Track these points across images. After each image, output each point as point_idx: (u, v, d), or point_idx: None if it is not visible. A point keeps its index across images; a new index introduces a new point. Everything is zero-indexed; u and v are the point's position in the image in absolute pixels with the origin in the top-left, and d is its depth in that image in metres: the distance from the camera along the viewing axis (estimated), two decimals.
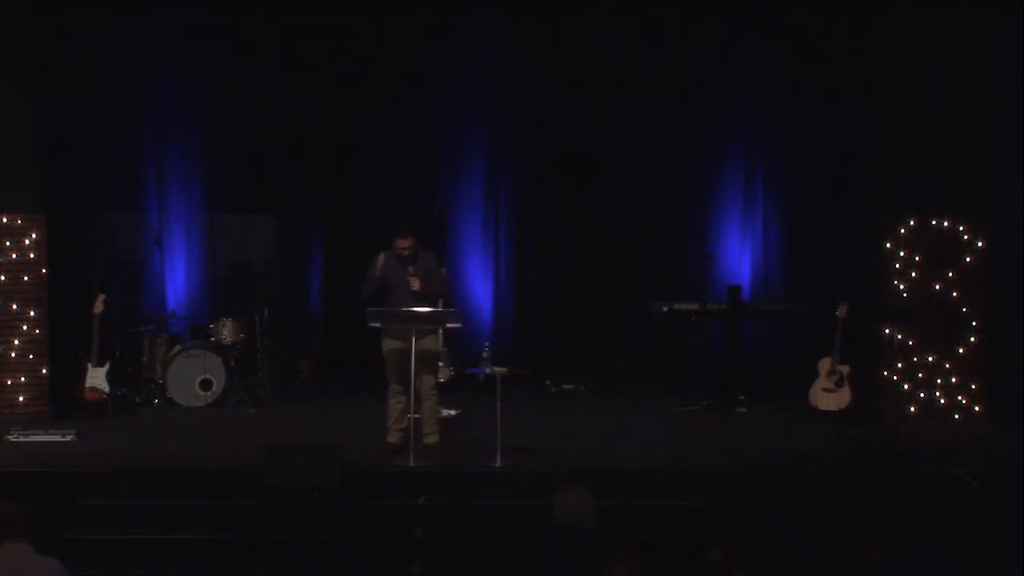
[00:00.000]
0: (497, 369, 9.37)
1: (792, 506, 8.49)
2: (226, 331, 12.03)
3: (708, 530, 8.22)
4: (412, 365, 9.21)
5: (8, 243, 11.17)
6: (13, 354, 11.18)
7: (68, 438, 10.08)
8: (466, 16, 12.90)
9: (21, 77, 11.14)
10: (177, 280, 13.00)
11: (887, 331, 11.35)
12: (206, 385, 11.79)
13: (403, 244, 9.51)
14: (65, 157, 11.89)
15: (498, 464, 9.04)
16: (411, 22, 12.75)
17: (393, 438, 9.49)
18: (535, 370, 12.00)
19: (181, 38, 12.69)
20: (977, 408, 11.26)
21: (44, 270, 11.29)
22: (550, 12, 12.70)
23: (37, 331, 11.23)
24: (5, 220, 11.18)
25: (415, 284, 9.43)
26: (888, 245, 11.41)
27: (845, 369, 11.05)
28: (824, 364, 11.12)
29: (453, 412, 11.30)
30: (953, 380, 11.28)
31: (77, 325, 11.55)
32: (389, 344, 9.45)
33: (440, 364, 11.16)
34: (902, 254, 11.37)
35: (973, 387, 11.27)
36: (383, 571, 8.25)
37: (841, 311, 11.03)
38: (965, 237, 11.30)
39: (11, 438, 10.04)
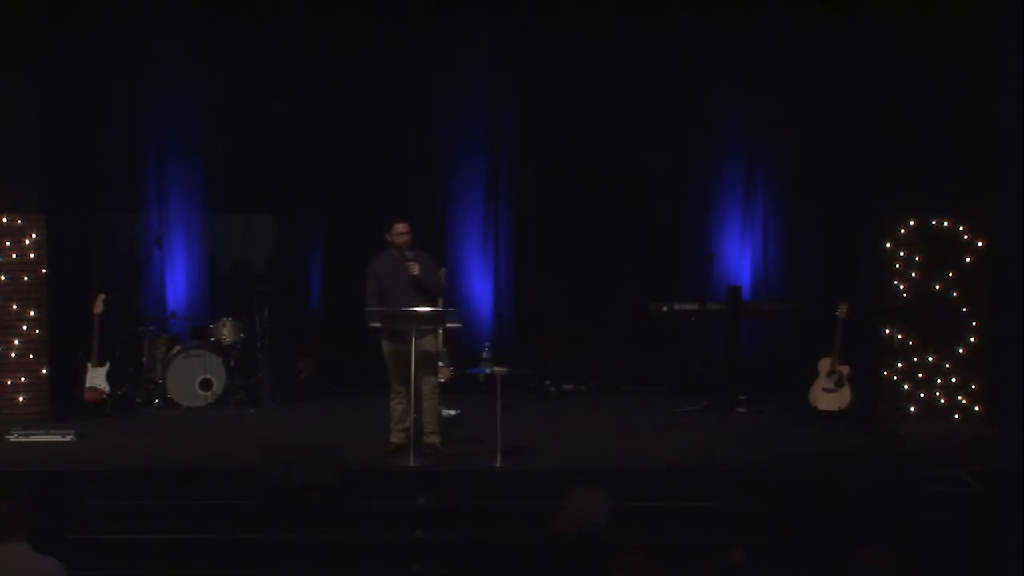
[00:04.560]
0: (497, 369, 9.36)
1: (792, 506, 8.48)
2: (226, 331, 12.03)
3: (708, 530, 8.24)
4: (412, 365, 9.23)
5: (8, 243, 11.17)
6: (13, 354, 11.18)
7: (68, 438, 10.08)
8: (466, 15, 12.91)
9: (21, 77, 11.14)
10: (177, 280, 12.99)
11: (887, 331, 11.35)
12: (206, 385, 11.79)
13: (402, 228, 9.54)
14: (65, 157, 11.88)
15: (498, 464, 9.05)
16: (411, 21, 12.75)
17: (396, 438, 9.51)
18: (535, 370, 11.99)
19: (181, 38, 12.69)
20: (977, 408, 11.26)
21: (44, 270, 11.29)
22: (550, 11, 12.70)
23: (37, 331, 11.24)
24: (5, 220, 11.18)
25: (415, 268, 9.42)
26: (888, 245, 11.41)
27: (845, 369, 11.04)
28: (824, 364, 11.12)
29: (453, 412, 11.30)
30: (953, 380, 11.28)
31: (77, 325, 11.55)
32: (389, 346, 9.46)
33: (440, 364, 11.16)
34: (902, 254, 11.37)
35: (973, 387, 11.27)
36: (383, 571, 8.26)
37: (841, 311, 11.02)
38: (965, 237, 11.30)
39: (11, 438, 10.04)
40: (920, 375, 11.30)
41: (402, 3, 12.75)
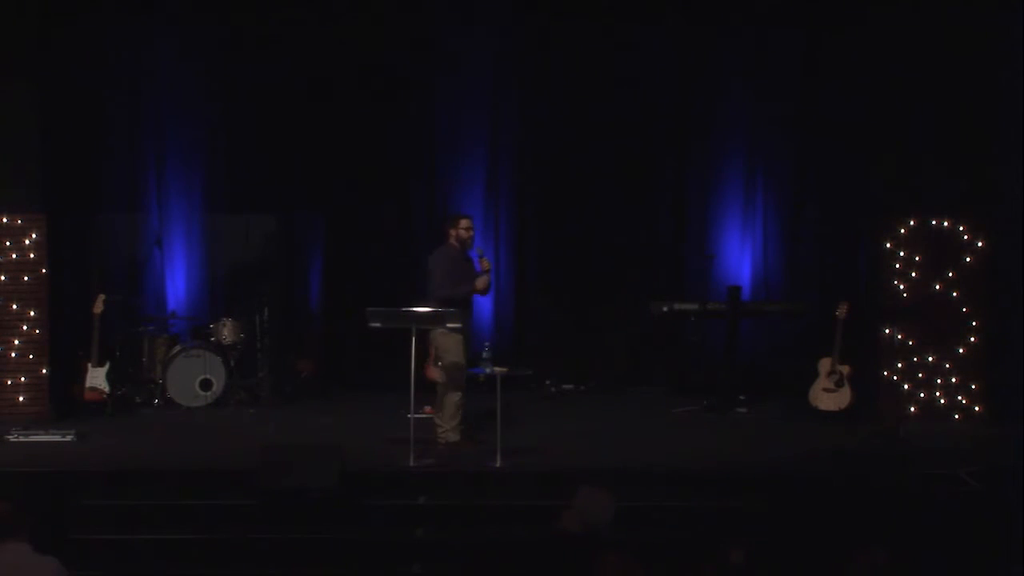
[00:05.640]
0: (497, 369, 9.37)
1: (792, 506, 8.49)
2: (226, 331, 12.03)
3: (708, 530, 8.23)
4: (412, 363, 9.24)
5: (8, 243, 11.17)
6: (13, 354, 11.18)
7: (68, 438, 10.08)
8: (466, 16, 12.90)
9: (21, 77, 11.13)
10: (177, 280, 12.99)
11: (887, 331, 11.35)
12: (206, 385, 11.79)
13: (469, 223, 9.83)
14: (65, 157, 11.88)
15: (498, 464, 9.05)
16: (411, 22, 12.76)
17: (458, 435, 9.50)
18: (535, 370, 11.99)
19: (181, 38, 12.69)
20: (977, 408, 11.25)
21: (44, 270, 11.29)
22: (550, 12, 12.70)
23: (37, 331, 11.23)
24: (5, 220, 11.18)
25: (486, 264, 9.65)
26: (888, 245, 11.41)
27: (845, 369, 11.04)
28: (824, 364, 11.12)
29: None
30: (953, 380, 11.28)
31: (77, 325, 11.55)
32: (458, 339, 9.53)
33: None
34: (902, 254, 11.37)
35: (973, 387, 11.27)
36: (383, 571, 8.26)
37: (841, 311, 11.02)
38: (965, 237, 11.30)
39: (11, 438, 10.04)
40: (920, 375, 11.29)
41: (402, 3, 12.74)
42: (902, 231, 11.37)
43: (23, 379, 11.21)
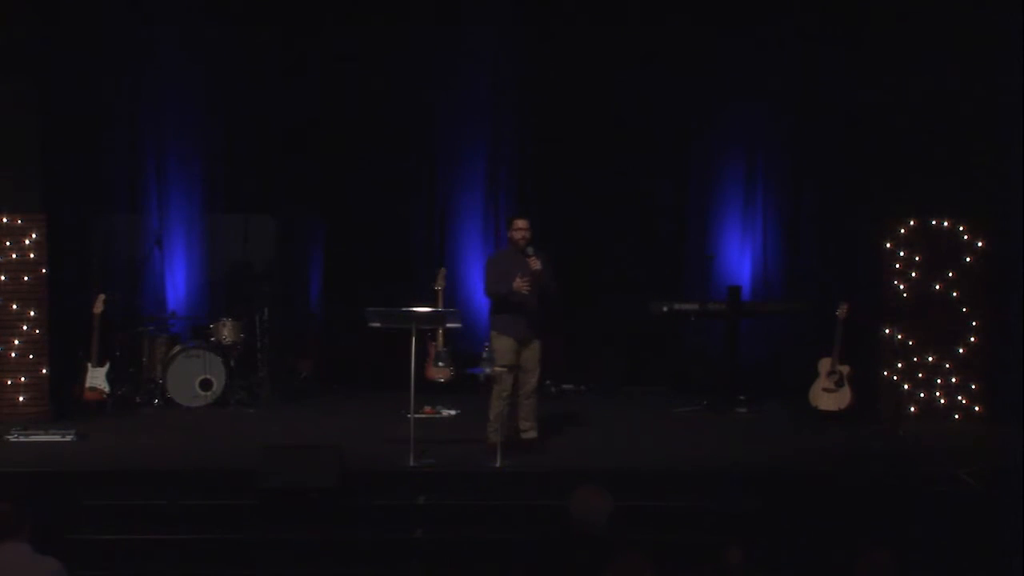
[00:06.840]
0: (497, 369, 9.37)
1: (792, 506, 8.49)
2: (226, 331, 12.02)
3: (708, 530, 8.24)
4: (412, 364, 9.23)
5: (8, 243, 11.16)
6: (13, 354, 11.16)
7: (68, 438, 10.08)
8: (466, 16, 12.91)
9: (21, 76, 11.13)
10: (177, 280, 12.99)
11: (887, 331, 11.35)
12: (206, 385, 11.79)
13: (523, 224, 9.66)
14: (65, 157, 11.88)
15: (498, 464, 9.05)
16: (411, 22, 12.75)
17: (497, 437, 9.36)
18: None
19: (181, 39, 12.69)
20: (977, 408, 11.26)
21: (44, 270, 11.28)
22: (550, 12, 12.70)
23: (37, 331, 11.22)
24: (5, 220, 11.17)
25: (536, 263, 9.49)
26: (888, 245, 11.41)
27: (845, 369, 11.04)
28: (824, 364, 11.11)
29: (453, 412, 11.31)
30: (953, 380, 11.28)
31: (77, 325, 11.54)
32: (508, 342, 9.47)
33: (440, 364, 11.16)
34: (902, 254, 11.37)
35: (973, 387, 11.27)
36: (383, 571, 8.26)
37: (841, 311, 11.02)
38: (965, 237, 11.29)
39: (11, 438, 10.04)
40: (920, 375, 11.29)
41: (402, 3, 12.75)
42: (902, 231, 11.37)
43: (23, 379, 11.19)
